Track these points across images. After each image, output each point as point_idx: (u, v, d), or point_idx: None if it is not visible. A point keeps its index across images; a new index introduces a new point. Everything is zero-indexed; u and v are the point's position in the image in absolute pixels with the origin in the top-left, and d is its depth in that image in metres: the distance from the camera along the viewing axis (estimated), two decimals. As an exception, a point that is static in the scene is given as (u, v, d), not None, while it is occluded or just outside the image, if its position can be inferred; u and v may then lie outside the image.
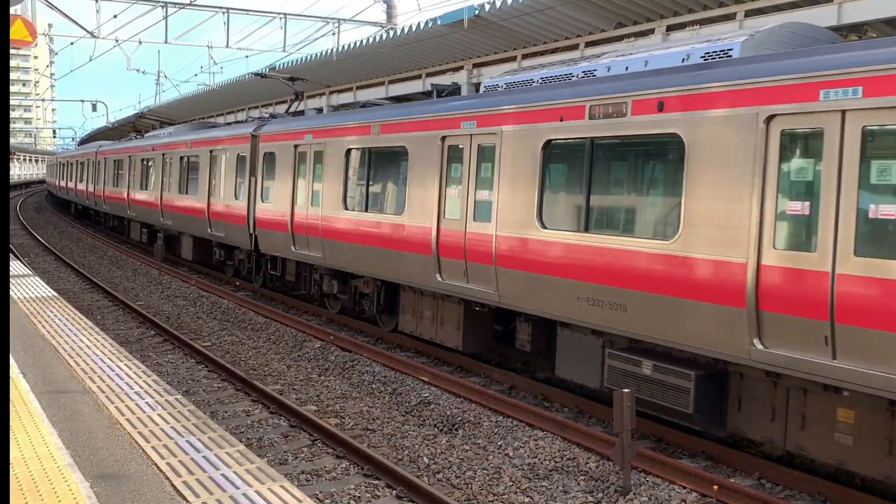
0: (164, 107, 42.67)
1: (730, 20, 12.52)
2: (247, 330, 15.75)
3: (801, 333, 7.10)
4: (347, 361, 12.94)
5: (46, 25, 71.54)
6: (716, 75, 8.05)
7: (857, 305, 6.70)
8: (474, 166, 11.24)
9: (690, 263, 8.13)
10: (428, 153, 12.13)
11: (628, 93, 8.88)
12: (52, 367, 8.70)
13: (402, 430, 9.76)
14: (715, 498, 7.63)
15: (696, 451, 8.90)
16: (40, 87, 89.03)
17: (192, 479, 5.66)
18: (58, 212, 53.91)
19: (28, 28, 14.06)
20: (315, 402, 11.03)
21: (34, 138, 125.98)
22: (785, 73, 7.38)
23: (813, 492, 7.77)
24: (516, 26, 15.70)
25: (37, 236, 34.57)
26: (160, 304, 18.63)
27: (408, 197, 12.54)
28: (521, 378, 11.62)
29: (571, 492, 7.89)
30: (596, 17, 14.42)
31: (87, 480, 5.57)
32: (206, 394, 11.29)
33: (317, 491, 7.82)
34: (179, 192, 23.38)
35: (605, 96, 9.17)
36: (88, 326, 11.06)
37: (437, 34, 17.48)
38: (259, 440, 9.33)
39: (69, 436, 6.48)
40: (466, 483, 8.17)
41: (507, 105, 10.66)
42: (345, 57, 21.82)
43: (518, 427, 9.64)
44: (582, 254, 9.39)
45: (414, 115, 12.73)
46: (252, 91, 30.41)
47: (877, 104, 6.58)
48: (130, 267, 25.22)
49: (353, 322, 15.66)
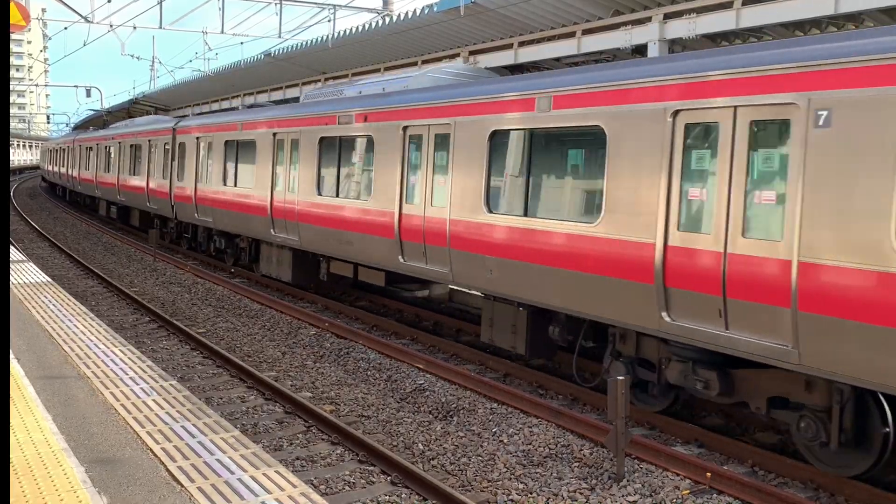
0: (159, 93, 42.46)
1: (727, 8, 12.49)
2: (242, 317, 15.75)
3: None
4: (343, 348, 12.95)
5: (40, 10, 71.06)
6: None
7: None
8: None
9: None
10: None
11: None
12: (47, 352, 8.69)
13: (397, 417, 9.78)
14: (708, 485, 7.67)
15: (689, 439, 8.93)
16: (34, 72, 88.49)
17: (187, 465, 5.66)
18: (52, 198, 53.74)
19: (21, 12, 13.97)
20: (310, 388, 11.04)
21: (28, 124, 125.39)
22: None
23: (806, 479, 7.82)
24: (513, 14, 15.64)
25: (31, 222, 34.48)
26: (155, 291, 18.60)
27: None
28: (515, 366, 11.65)
29: (565, 478, 7.92)
30: (593, 4, 14.38)
31: (82, 465, 5.57)
32: (201, 380, 11.29)
33: (312, 477, 7.84)
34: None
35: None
36: (83, 312, 11.05)
37: (434, 21, 17.41)
38: (254, 426, 9.34)
39: (64, 421, 6.48)
40: (461, 470, 8.19)
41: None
42: (340, 43, 21.73)
43: (513, 414, 9.66)
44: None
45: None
46: (246, 78, 30.30)
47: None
48: (125, 253, 25.18)
49: (347, 310, 15.69)
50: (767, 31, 12.67)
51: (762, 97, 7.41)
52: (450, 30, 17.68)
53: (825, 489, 7.66)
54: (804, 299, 6.98)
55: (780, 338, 7.25)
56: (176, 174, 23.04)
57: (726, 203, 7.71)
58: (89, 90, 57.78)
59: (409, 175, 12.50)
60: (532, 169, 10.28)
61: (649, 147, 8.47)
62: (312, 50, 23.34)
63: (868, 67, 6.61)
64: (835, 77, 6.85)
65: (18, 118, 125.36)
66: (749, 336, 7.50)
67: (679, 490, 7.61)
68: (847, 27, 11.74)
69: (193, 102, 40.08)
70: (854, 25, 11.62)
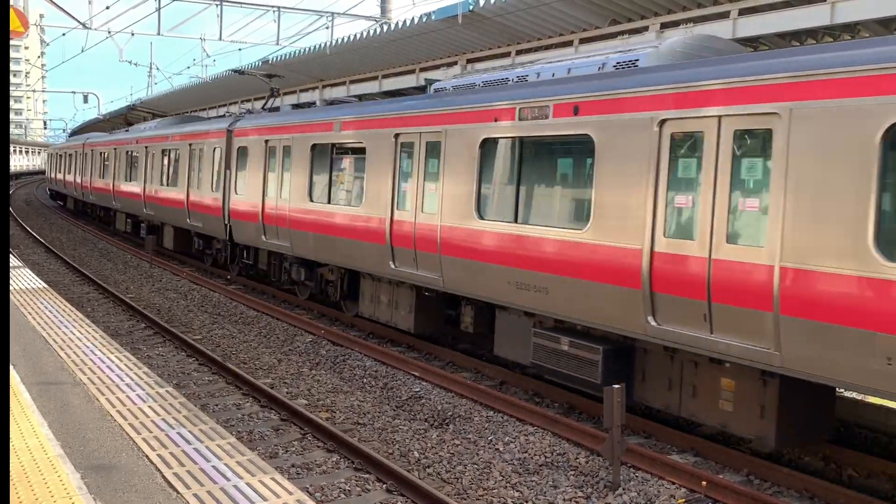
0: (157, 99, 42.48)
1: (723, 18, 12.55)
2: (238, 323, 15.74)
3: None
4: (339, 355, 12.94)
5: (38, 16, 71.11)
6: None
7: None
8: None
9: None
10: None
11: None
12: (43, 358, 8.68)
13: (392, 425, 9.78)
14: (704, 493, 7.67)
15: (685, 448, 8.94)
16: (31, 77, 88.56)
17: (183, 471, 5.66)
18: (48, 204, 53.66)
19: (20, 18, 13.99)
20: (306, 395, 11.04)
21: (25, 129, 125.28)
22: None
23: (801, 488, 7.82)
24: (510, 22, 15.70)
25: (27, 228, 34.43)
26: (151, 297, 18.58)
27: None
28: (512, 373, 11.65)
29: (561, 486, 7.92)
30: (590, 13, 14.44)
31: (77, 471, 5.57)
32: (197, 386, 11.28)
33: (307, 484, 7.83)
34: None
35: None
36: (79, 318, 11.04)
37: (432, 29, 17.47)
38: (250, 433, 9.33)
39: (60, 427, 6.48)
40: (457, 477, 8.19)
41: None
42: (338, 51, 21.78)
43: (509, 422, 9.66)
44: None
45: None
46: (243, 84, 30.33)
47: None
48: (121, 259, 25.15)
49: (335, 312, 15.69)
50: (764, 42, 12.73)
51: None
52: (447, 38, 17.74)
53: (820, 498, 7.67)
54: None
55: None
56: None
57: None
58: (87, 96, 57.82)
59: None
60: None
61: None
62: (311, 57, 23.39)
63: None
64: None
65: (15, 123, 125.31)
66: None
67: (674, 499, 7.61)
68: (843, 38, 11.80)
69: (191, 109, 40.09)
70: (850, 36, 11.68)
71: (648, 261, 8.37)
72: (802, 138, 7.04)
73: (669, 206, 8.28)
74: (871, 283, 6.51)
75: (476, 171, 10.84)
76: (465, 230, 10.99)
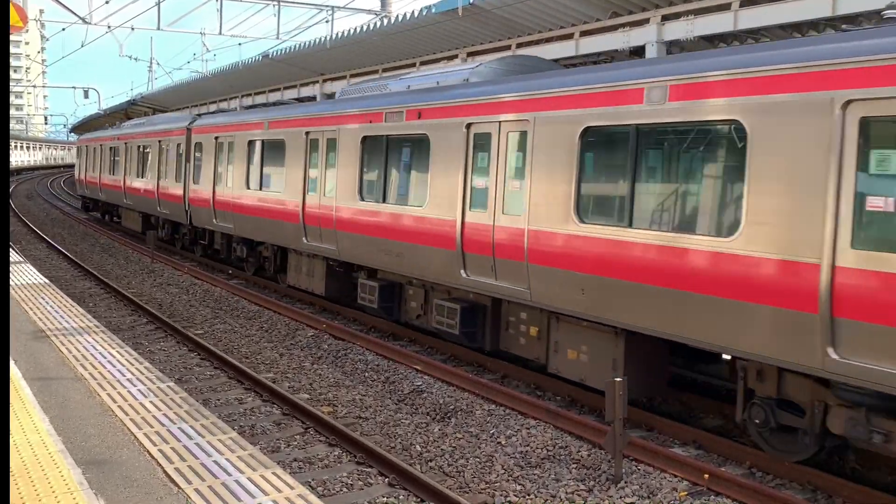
0: (157, 94, 42.46)
1: (724, 10, 12.50)
2: (239, 318, 15.73)
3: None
4: (340, 350, 12.94)
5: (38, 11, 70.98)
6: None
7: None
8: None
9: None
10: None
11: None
12: (44, 353, 8.67)
13: (394, 419, 9.77)
14: (706, 486, 7.66)
15: (687, 441, 8.93)
16: (32, 73, 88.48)
17: (185, 466, 5.66)
18: (49, 199, 53.68)
19: (19, 13, 13.96)
20: (308, 390, 11.04)
21: (25, 125, 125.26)
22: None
23: (803, 481, 7.82)
24: (511, 15, 15.65)
25: (28, 223, 34.44)
26: (153, 292, 18.58)
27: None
28: (513, 367, 11.65)
29: (563, 480, 7.92)
30: (591, 6, 14.39)
31: (78, 467, 5.57)
32: (199, 381, 11.28)
33: (309, 478, 7.83)
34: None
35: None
36: (80, 313, 11.04)
37: (432, 22, 17.42)
38: (251, 428, 9.33)
39: (61, 422, 6.47)
40: (459, 471, 8.19)
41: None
42: (338, 44, 21.74)
43: (510, 416, 9.66)
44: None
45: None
46: (244, 79, 30.31)
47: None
48: (123, 255, 25.15)
49: (345, 310, 15.69)
50: (765, 33, 12.68)
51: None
52: (448, 31, 17.69)
53: (823, 490, 7.66)
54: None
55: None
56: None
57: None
58: (87, 91, 57.78)
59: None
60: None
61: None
62: (310, 51, 23.35)
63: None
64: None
65: (16, 119, 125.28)
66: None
67: (677, 491, 7.60)
68: (840, 28, 11.74)
69: (191, 104, 40.05)
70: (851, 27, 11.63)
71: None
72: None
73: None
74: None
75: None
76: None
